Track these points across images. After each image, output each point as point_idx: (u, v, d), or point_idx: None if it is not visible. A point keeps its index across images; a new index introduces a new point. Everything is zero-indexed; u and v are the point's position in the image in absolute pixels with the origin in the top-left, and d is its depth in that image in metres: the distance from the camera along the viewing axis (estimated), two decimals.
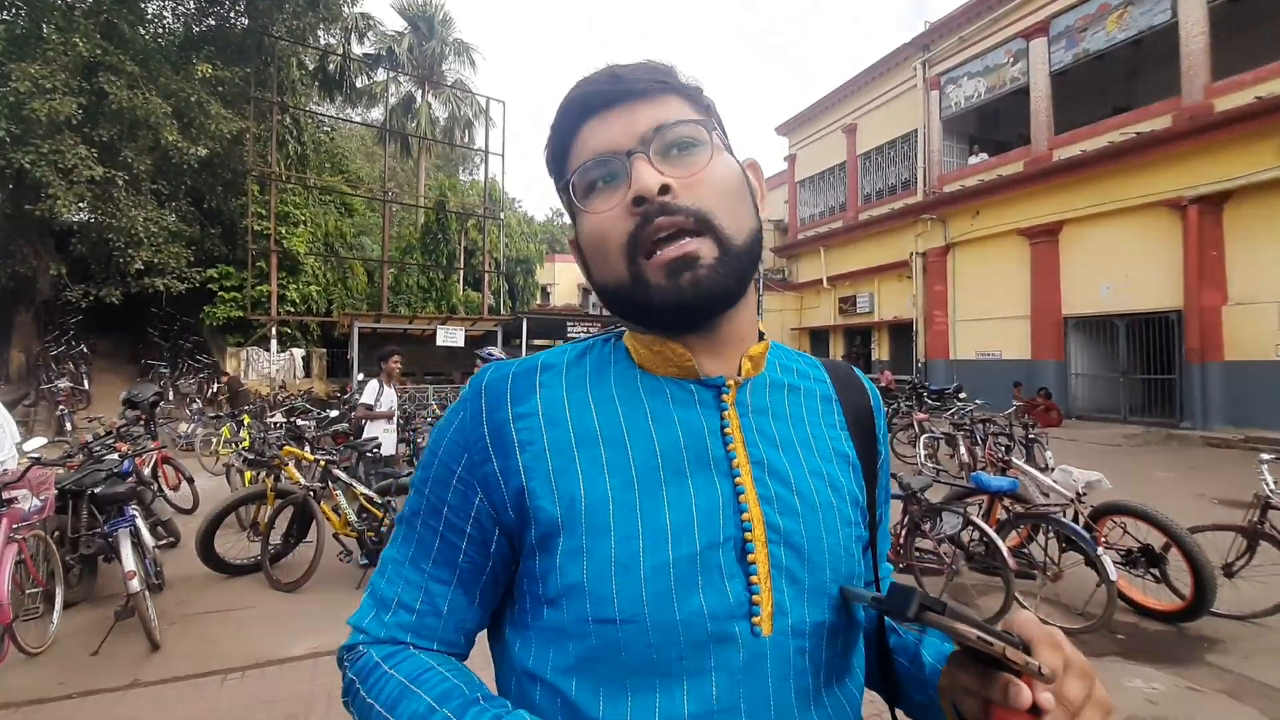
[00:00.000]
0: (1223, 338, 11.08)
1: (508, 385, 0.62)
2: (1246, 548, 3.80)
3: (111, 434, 5.91)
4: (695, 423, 0.60)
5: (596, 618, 0.54)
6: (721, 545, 0.56)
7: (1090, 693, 0.48)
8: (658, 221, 0.56)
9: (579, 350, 0.67)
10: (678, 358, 0.62)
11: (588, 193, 0.60)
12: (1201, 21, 11.35)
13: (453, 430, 0.62)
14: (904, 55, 17.94)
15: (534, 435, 0.59)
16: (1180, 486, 7.35)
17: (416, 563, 0.62)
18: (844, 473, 0.65)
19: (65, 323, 15.00)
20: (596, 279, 0.62)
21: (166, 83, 12.53)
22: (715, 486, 0.58)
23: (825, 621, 0.58)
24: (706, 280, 0.56)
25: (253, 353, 15.73)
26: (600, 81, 0.60)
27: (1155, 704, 2.89)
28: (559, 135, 0.62)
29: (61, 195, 11.10)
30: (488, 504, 0.60)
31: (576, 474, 0.57)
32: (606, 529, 0.55)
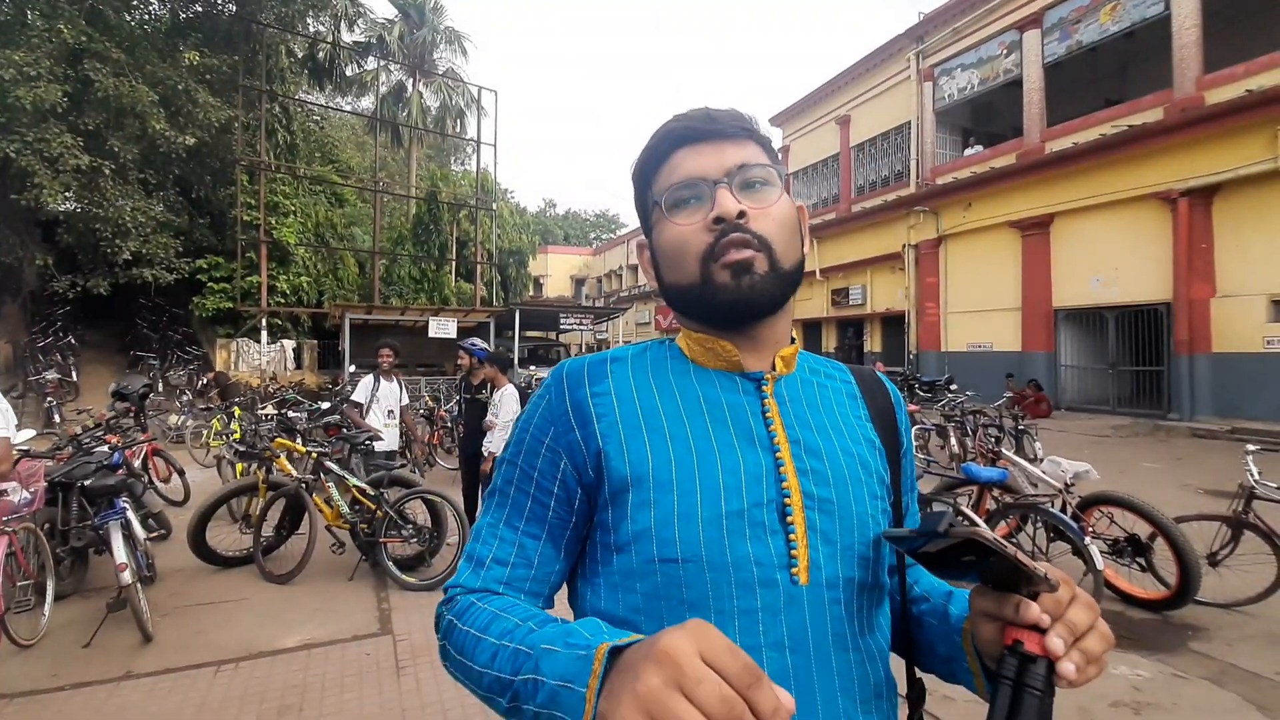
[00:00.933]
0: (1211, 330, 11.19)
1: (584, 370, 0.74)
2: (1231, 537, 3.85)
3: (101, 426, 5.87)
4: (740, 406, 0.72)
5: (662, 557, 0.64)
6: (765, 506, 0.66)
7: (1094, 623, 0.55)
8: (731, 238, 0.68)
9: (640, 348, 0.79)
10: (726, 353, 0.73)
11: (674, 207, 0.72)
12: (1194, 14, 11.38)
13: (541, 408, 0.74)
14: (898, 47, 17.91)
15: (608, 409, 0.71)
16: (1167, 477, 7.44)
17: (510, 522, 0.72)
18: (871, 455, 0.75)
19: (52, 314, 14.85)
20: (668, 279, 0.74)
21: (153, 70, 12.35)
22: (759, 458, 0.69)
23: (855, 578, 0.67)
24: (760, 284, 0.69)
25: (243, 344, 15.62)
26: (696, 119, 0.73)
27: (1140, 690, 2.94)
28: (653, 156, 0.75)
29: (47, 184, 10.95)
30: (572, 467, 0.70)
31: (644, 440, 0.68)
32: (670, 485, 0.66)
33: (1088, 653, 0.54)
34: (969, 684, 0.69)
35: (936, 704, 2.74)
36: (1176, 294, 11.48)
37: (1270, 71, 10.38)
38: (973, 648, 0.66)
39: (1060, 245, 13.72)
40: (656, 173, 0.74)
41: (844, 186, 20.42)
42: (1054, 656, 0.52)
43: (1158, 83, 12.34)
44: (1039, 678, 0.51)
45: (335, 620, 3.86)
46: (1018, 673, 0.52)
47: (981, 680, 0.66)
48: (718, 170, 0.70)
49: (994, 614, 0.57)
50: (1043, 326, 13.99)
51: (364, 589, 4.40)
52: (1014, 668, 0.52)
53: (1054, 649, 0.52)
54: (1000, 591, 0.56)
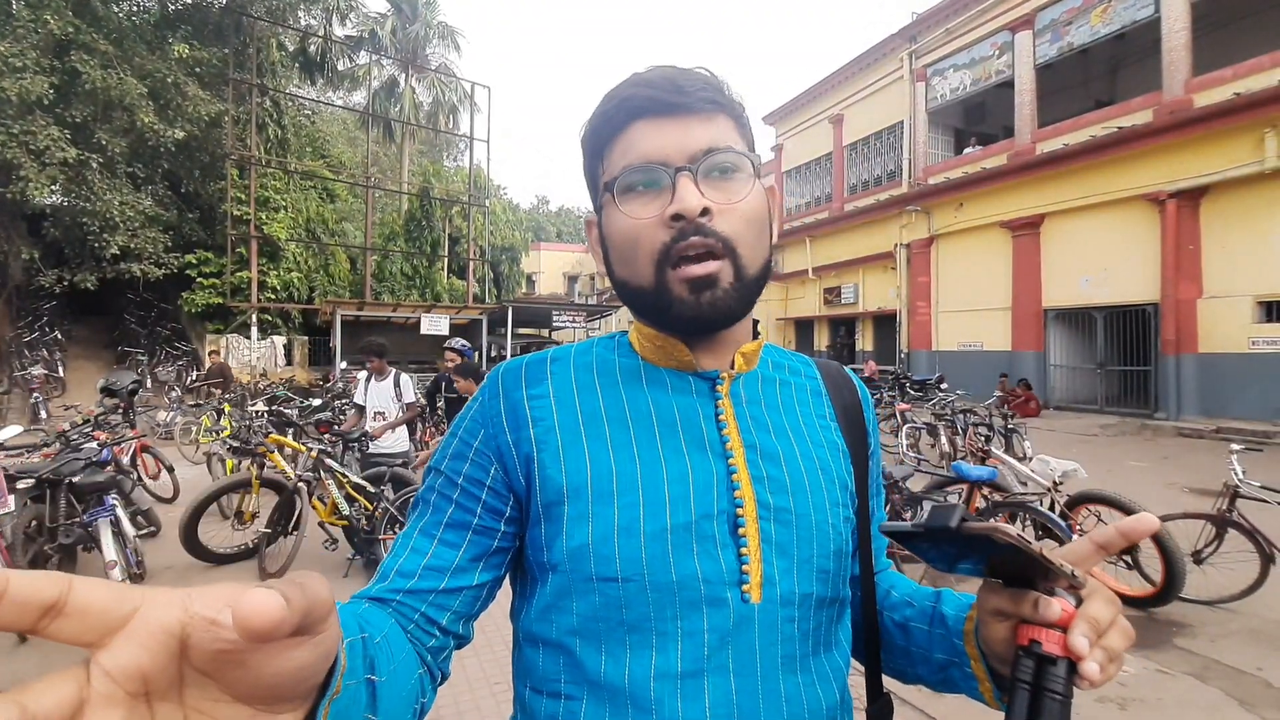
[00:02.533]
0: (1197, 330, 11.31)
1: (522, 371, 0.68)
2: (1215, 535, 3.90)
3: (89, 422, 5.82)
4: (691, 409, 0.66)
5: (600, 576, 0.59)
6: (715, 517, 0.61)
7: (1116, 619, 0.50)
8: (691, 240, 0.60)
9: (586, 346, 0.73)
10: (678, 353, 0.67)
11: (626, 193, 0.62)
12: (1184, 17, 11.48)
13: (473, 411, 0.68)
14: (891, 46, 17.97)
15: (544, 413, 0.65)
16: (1153, 475, 7.52)
17: (427, 530, 0.65)
18: (834, 458, 0.69)
19: (38, 308, 14.71)
20: (618, 274, 0.67)
21: (142, 63, 12.24)
22: (710, 465, 0.63)
23: (812, 593, 0.62)
24: (722, 301, 0.61)
25: (233, 340, 15.51)
26: (661, 88, 0.61)
27: (1126, 686, 2.98)
28: (606, 125, 0.64)
29: (33, 177, 10.85)
30: (502, 472, 0.64)
31: (583, 448, 0.63)
32: (610, 496, 0.61)
33: (1110, 650, 0.48)
34: (971, 690, 0.63)
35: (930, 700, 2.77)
36: (1164, 294, 11.59)
37: (1258, 75, 10.50)
38: (978, 649, 0.60)
39: (1050, 245, 13.82)
40: (609, 145, 0.64)
41: (836, 186, 20.48)
42: (1078, 657, 0.46)
43: (1147, 85, 12.45)
44: (1059, 680, 0.46)
45: None
46: (1035, 675, 0.47)
47: (989, 684, 0.60)
48: (680, 154, 0.61)
49: (1008, 612, 0.52)
50: (1033, 326, 14.11)
51: (356, 587, 4.37)
52: (1031, 670, 0.48)
53: (1079, 649, 0.46)
54: (1013, 587, 0.52)
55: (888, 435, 9.52)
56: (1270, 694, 2.91)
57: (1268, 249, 10.38)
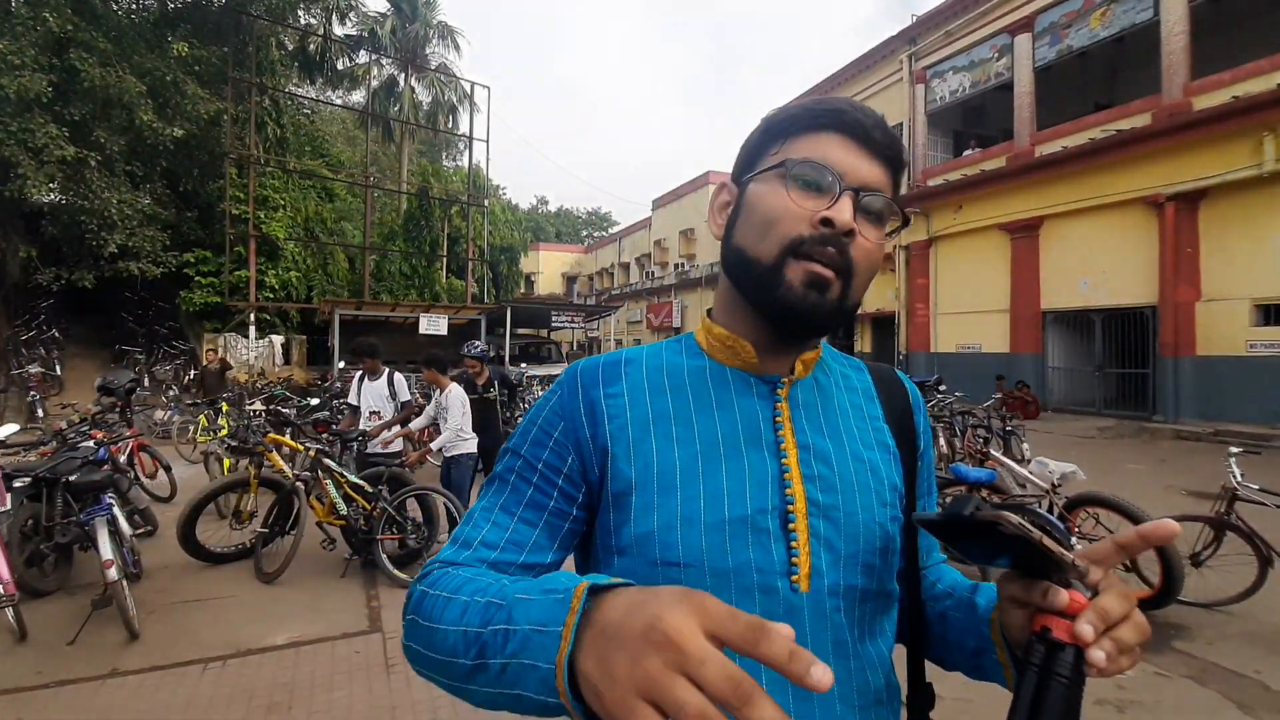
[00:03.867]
0: (1195, 333, 11.32)
1: (599, 371, 0.74)
2: (1213, 538, 3.91)
3: (87, 421, 5.81)
4: (752, 410, 0.71)
5: (664, 561, 0.64)
6: (769, 512, 0.66)
7: (1129, 614, 0.52)
8: (827, 249, 0.65)
9: (655, 348, 0.78)
10: (745, 354, 0.72)
11: (796, 178, 0.66)
12: (1183, 20, 11.50)
13: (553, 403, 0.73)
14: (890, 48, 17.99)
15: (619, 411, 0.70)
16: (1151, 478, 7.53)
17: (507, 507, 0.70)
18: (884, 461, 0.74)
19: (36, 307, 14.66)
20: (739, 238, 0.70)
21: (141, 61, 12.22)
22: (766, 463, 0.68)
23: (858, 586, 0.67)
24: (822, 308, 0.66)
25: (230, 339, 15.48)
26: (867, 119, 0.68)
27: (1124, 688, 2.98)
28: (806, 119, 0.69)
29: (31, 175, 10.82)
30: (579, 462, 0.70)
31: (651, 444, 0.68)
32: (674, 489, 0.66)
33: (1120, 642, 0.51)
34: (998, 677, 0.67)
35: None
36: (1162, 297, 11.61)
37: (1256, 78, 10.51)
38: (1001, 637, 0.64)
39: (1049, 248, 13.84)
40: (799, 135, 0.69)
41: None
42: (1083, 643, 0.49)
43: (1146, 88, 12.46)
44: (1067, 665, 0.49)
45: (324, 618, 3.84)
46: (1044, 660, 0.50)
47: (1011, 671, 0.64)
48: (855, 177, 0.66)
49: (1022, 600, 0.55)
50: (1031, 328, 14.12)
51: (353, 587, 4.37)
52: (1041, 655, 0.51)
53: (1083, 635, 0.49)
54: (1029, 578, 0.55)
55: None
56: (1268, 697, 2.91)
57: (1266, 252, 10.40)
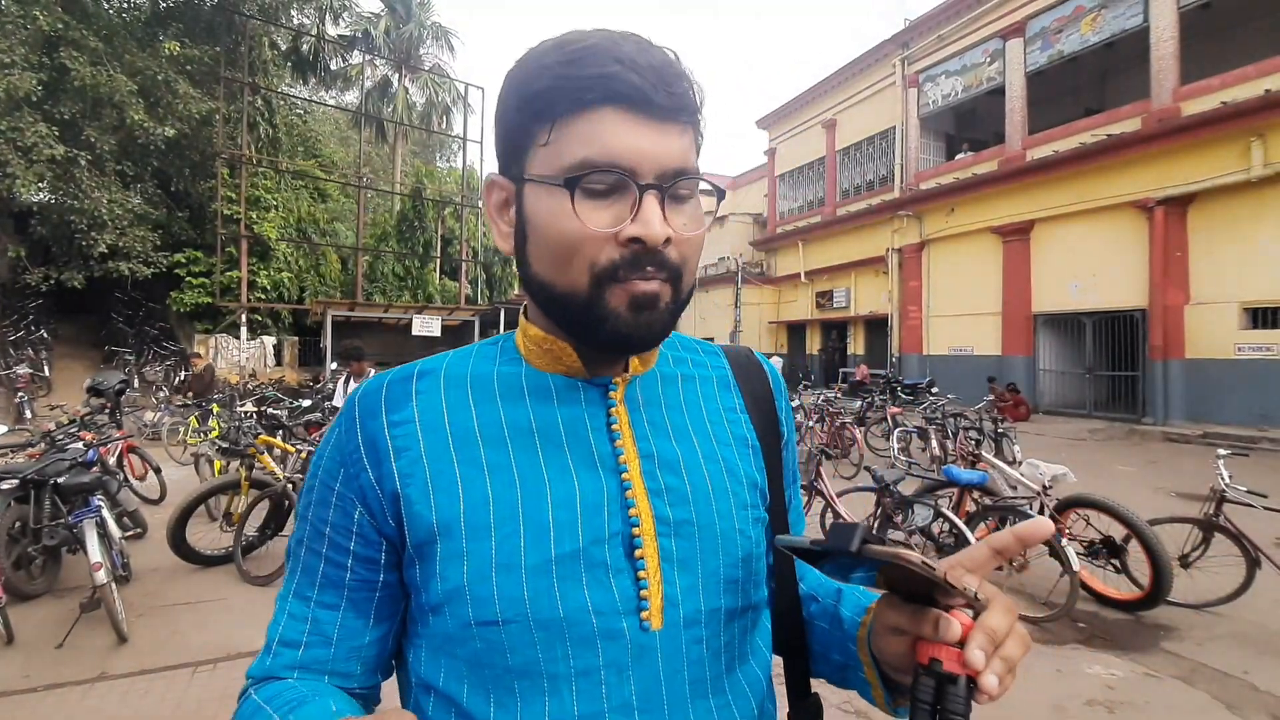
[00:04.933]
0: (1184, 336, 11.44)
1: (382, 395, 0.60)
2: (1202, 539, 3.94)
3: (75, 422, 5.75)
4: (579, 420, 0.60)
5: (479, 620, 0.53)
6: (608, 541, 0.56)
7: (1012, 626, 0.48)
8: (645, 269, 0.54)
9: (464, 353, 0.65)
10: (566, 357, 0.60)
11: (583, 193, 0.53)
12: (1172, 26, 11.62)
13: (329, 448, 0.60)
14: (884, 52, 18.09)
15: (409, 441, 0.57)
16: (1140, 480, 7.59)
17: (301, 593, 0.60)
18: (742, 457, 0.65)
19: (24, 307, 14.53)
20: (539, 270, 0.57)
21: (132, 60, 12.15)
22: (602, 483, 0.57)
23: (721, 607, 0.58)
24: (659, 323, 0.56)
25: (222, 340, 15.39)
26: (649, 80, 0.52)
27: (1113, 689, 3.00)
28: (574, 92, 0.53)
29: (21, 174, 10.73)
30: (368, 515, 0.57)
31: (455, 477, 0.56)
32: (486, 529, 0.54)
33: (1008, 659, 0.46)
34: (865, 694, 0.62)
35: None
36: (1152, 300, 11.72)
37: (1244, 84, 10.64)
38: (870, 657, 0.59)
39: (1040, 251, 13.94)
40: (567, 117, 0.53)
41: (829, 190, 20.58)
42: (974, 672, 0.45)
43: (1136, 93, 12.58)
44: (959, 700, 0.45)
45: None
46: (935, 696, 0.46)
47: (880, 691, 0.59)
48: (652, 168, 0.53)
49: (907, 629, 0.50)
50: (1022, 331, 14.21)
51: None
52: (931, 690, 0.46)
53: (975, 663, 0.44)
54: (911, 602, 0.50)
55: (879, 439, 9.57)
56: (1257, 697, 2.93)
57: (1254, 256, 10.51)
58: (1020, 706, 2.82)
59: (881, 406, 10.32)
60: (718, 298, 23.98)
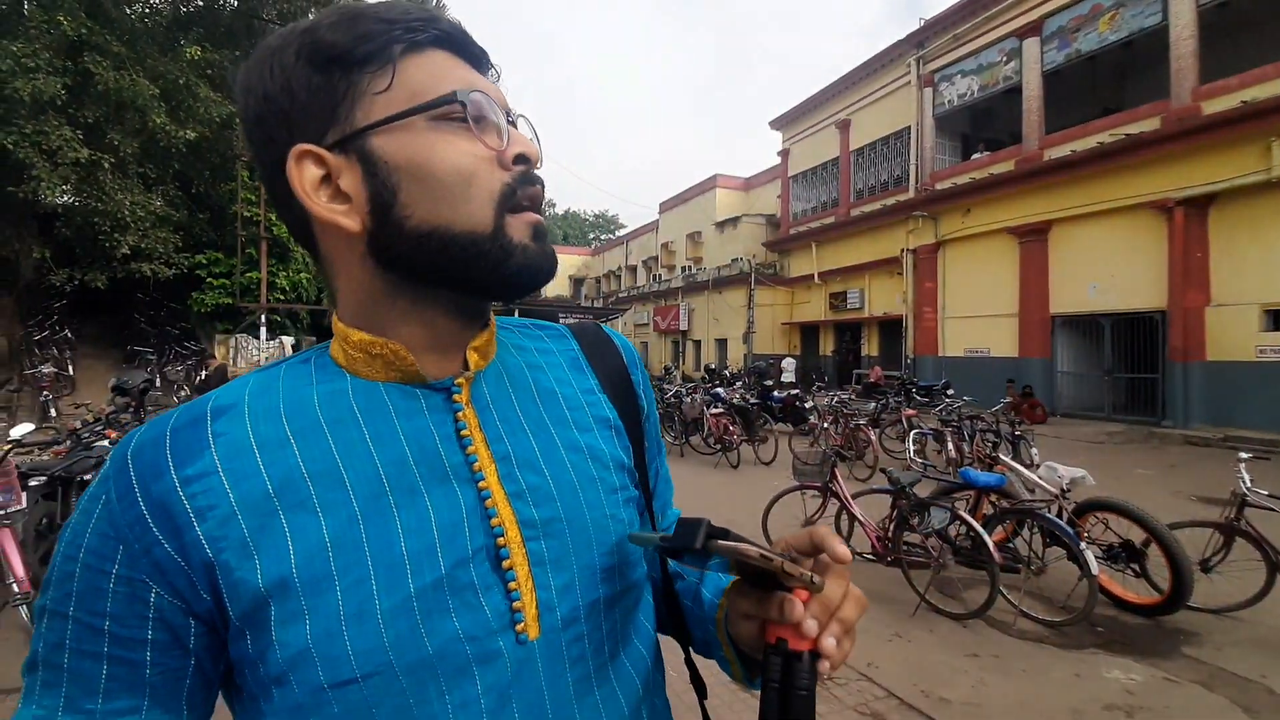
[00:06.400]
0: (1205, 338, 11.28)
1: (165, 447, 0.49)
2: (1223, 544, 3.90)
3: (100, 421, 5.87)
4: (425, 432, 0.53)
5: (333, 682, 0.46)
6: (472, 559, 0.51)
7: (846, 588, 0.51)
8: (534, 189, 0.54)
9: (265, 377, 0.55)
10: (399, 360, 0.54)
11: (443, 119, 0.51)
12: (1191, 25, 11.47)
13: (92, 523, 0.47)
14: (898, 52, 18.00)
15: (214, 498, 0.47)
16: (1160, 484, 7.50)
17: (78, 705, 0.46)
18: (605, 439, 0.62)
19: (49, 307, 14.79)
20: (421, 213, 0.50)
21: (154, 64, 12.33)
22: (458, 497, 0.52)
23: (599, 598, 0.56)
24: (551, 257, 0.56)
25: (241, 340, 15.59)
26: (469, 34, 0.55)
27: (1133, 694, 2.98)
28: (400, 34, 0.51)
29: (46, 177, 10.91)
30: (169, 595, 0.46)
31: (281, 527, 0.48)
32: (329, 579, 0.47)
33: (845, 622, 0.50)
34: (726, 669, 0.64)
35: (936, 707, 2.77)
36: (1172, 302, 11.57)
37: (1265, 84, 10.48)
38: (726, 636, 0.61)
39: (1058, 252, 13.81)
40: (398, 59, 0.50)
41: (843, 191, 20.50)
42: (809, 637, 0.48)
43: (1155, 92, 12.44)
44: (804, 675, 0.48)
45: None
46: (783, 674, 0.48)
47: (738, 668, 0.61)
48: (500, 100, 0.54)
49: (756, 615, 0.52)
50: (1039, 333, 14.08)
51: None
52: (779, 668, 0.49)
53: (809, 631, 0.48)
54: (760, 588, 0.52)
55: (894, 441, 9.51)
56: (1276, 702, 2.91)
57: (1276, 257, 10.36)
58: (1038, 711, 2.81)
59: (896, 408, 10.26)
60: (731, 299, 23.95)
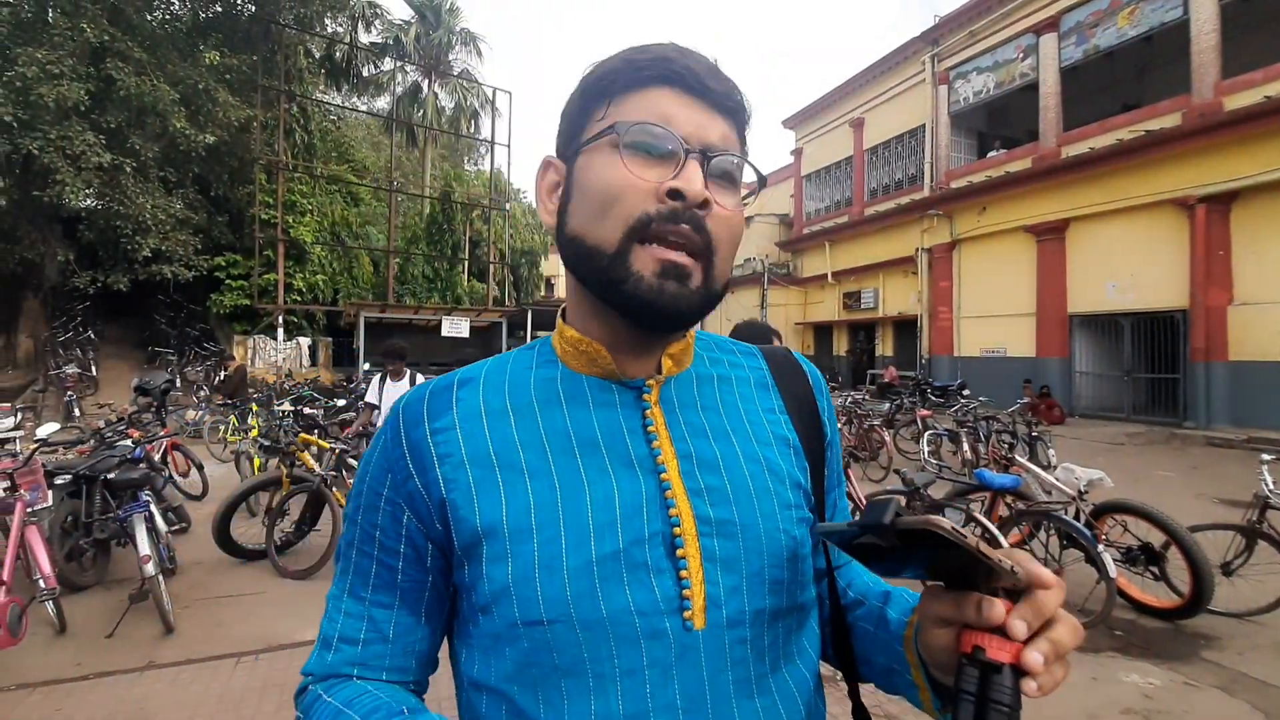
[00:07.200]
0: (1228, 337, 11.07)
1: (424, 404, 0.62)
2: (1245, 547, 3.83)
3: (123, 420, 5.98)
4: (615, 424, 0.60)
5: (525, 620, 0.54)
6: (648, 541, 0.56)
7: (1059, 605, 0.46)
8: (681, 226, 0.55)
9: (501, 360, 0.67)
10: (600, 357, 0.62)
11: (632, 146, 0.56)
12: (1213, 19, 11.27)
13: (376, 455, 0.63)
14: (913, 49, 17.84)
15: (451, 448, 0.59)
16: (1181, 486, 7.38)
17: (355, 592, 0.62)
18: (784, 456, 0.65)
19: (73, 309, 15.10)
20: (575, 225, 0.59)
21: (174, 69, 12.53)
22: (640, 484, 0.58)
23: (765, 608, 0.58)
24: (684, 300, 0.56)
25: (259, 341, 15.80)
26: (698, 67, 0.58)
27: (1151, 698, 2.94)
28: (631, 74, 0.58)
29: (69, 181, 11.13)
30: (416, 520, 0.60)
31: (496, 481, 0.58)
32: (528, 532, 0.56)
33: (1058, 645, 0.44)
34: (913, 698, 0.60)
35: None
36: (1193, 301, 11.37)
37: None
38: (917, 657, 0.57)
39: (1076, 250, 13.62)
40: (624, 95, 0.58)
41: (857, 190, 20.36)
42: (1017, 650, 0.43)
43: (1176, 88, 12.23)
44: (1005, 690, 0.42)
45: None
46: (980, 686, 0.43)
47: (928, 694, 0.57)
48: (698, 137, 0.56)
49: (951, 618, 0.48)
50: (1057, 332, 13.90)
51: None
52: (975, 679, 0.44)
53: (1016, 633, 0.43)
54: (956, 589, 0.48)
55: (909, 441, 9.44)
56: None
57: None
58: (1055, 714, 2.78)
59: (911, 409, 10.18)
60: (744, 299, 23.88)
